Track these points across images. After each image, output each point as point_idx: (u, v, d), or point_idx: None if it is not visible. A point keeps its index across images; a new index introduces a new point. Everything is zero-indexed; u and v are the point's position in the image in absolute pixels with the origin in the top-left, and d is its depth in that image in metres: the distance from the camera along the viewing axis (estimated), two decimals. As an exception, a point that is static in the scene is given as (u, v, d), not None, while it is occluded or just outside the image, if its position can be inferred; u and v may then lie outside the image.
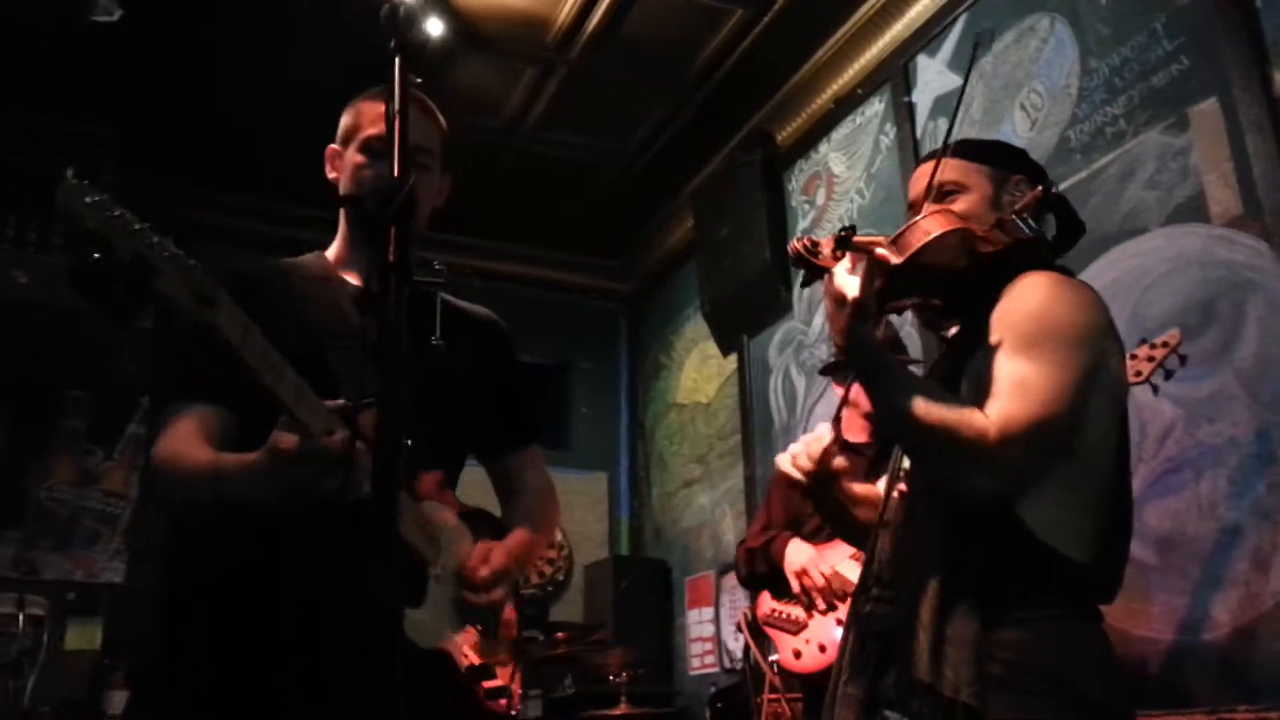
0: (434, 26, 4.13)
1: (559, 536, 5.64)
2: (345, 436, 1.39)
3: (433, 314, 1.54)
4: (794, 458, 1.56)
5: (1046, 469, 1.38)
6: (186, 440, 1.47)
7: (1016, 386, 1.36)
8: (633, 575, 5.32)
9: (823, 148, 4.76)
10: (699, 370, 5.58)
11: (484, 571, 1.57)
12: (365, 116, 1.71)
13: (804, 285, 1.39)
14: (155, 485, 1.57)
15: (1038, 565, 1.37)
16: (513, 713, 1.71)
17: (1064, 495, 1.39)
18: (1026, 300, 1.44)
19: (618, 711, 3.48)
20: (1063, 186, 3.29)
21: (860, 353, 1.42)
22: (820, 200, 4.72)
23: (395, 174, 1.13)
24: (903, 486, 1.55)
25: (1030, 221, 1.54)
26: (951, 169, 1.61)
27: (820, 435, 1.54)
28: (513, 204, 5.65)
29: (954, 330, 1.60)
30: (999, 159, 1.66)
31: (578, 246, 6.14)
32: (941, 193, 1.60)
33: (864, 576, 1.56)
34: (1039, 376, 1.36)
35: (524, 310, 5.99)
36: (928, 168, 1.63)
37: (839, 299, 1.40)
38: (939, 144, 4.03)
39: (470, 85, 4.72)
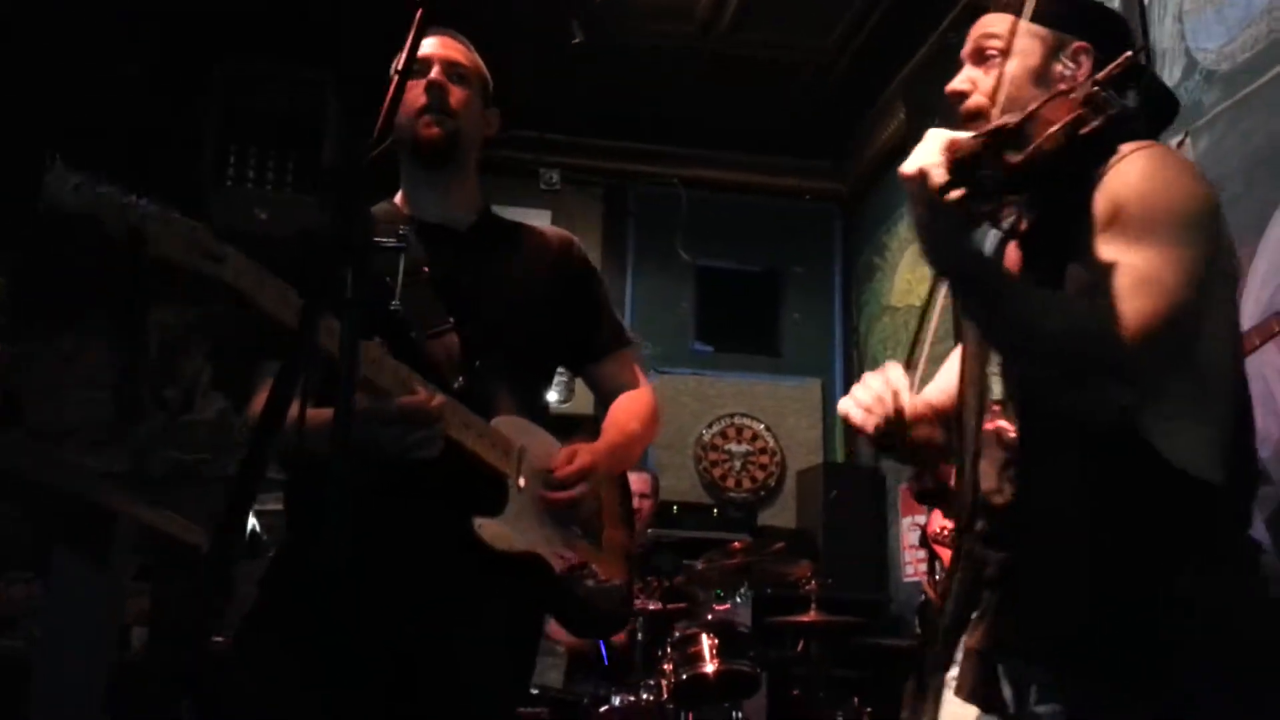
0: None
1: (770, 441, 5.66)
2: (427, 396, 1.48)
3: (393, 278, 1.56)
4: (866, 413, 1.41)
5: (1167, 383, 1.24)
6: None
7: (1143, 279, 1.20)
8: (845, 482, 5.26)
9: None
10: (913, 271, 5.32)
11: (564, 470, 1.64)
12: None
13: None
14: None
15: (1172, 494, 1.23)
16: (621, 604, 1.80)
17: (1186, 409, 1.24)
18: (1134, 181, 1.26)
19: (806, 618, 3.51)
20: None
21: (965, 265, 1.24)
22: (1037, 82, 4.31)
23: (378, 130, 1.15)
24: (1001, 423, 1.39)
25: (1114, 95, 1.33)
26: (1000, 22, 1.41)
27: (888, 379, 1.41)
28: (715, 110, 5.56)
29: (1017, 221, 1.40)
30: (1064, 20, 1.42)
31: (786, 149, 5.96)
32: (982, 54, 1.42)
33: (959, 514, 1.44)
34: (1164, 265, 1.20)
35: (733, 217, 5.99)
36: (989, 21, 1.44)
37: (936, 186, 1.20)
38: (1168, 11, 3.55)
39: (657, -8, 4.66)
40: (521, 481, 1.63)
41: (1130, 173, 1.27)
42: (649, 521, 4.26)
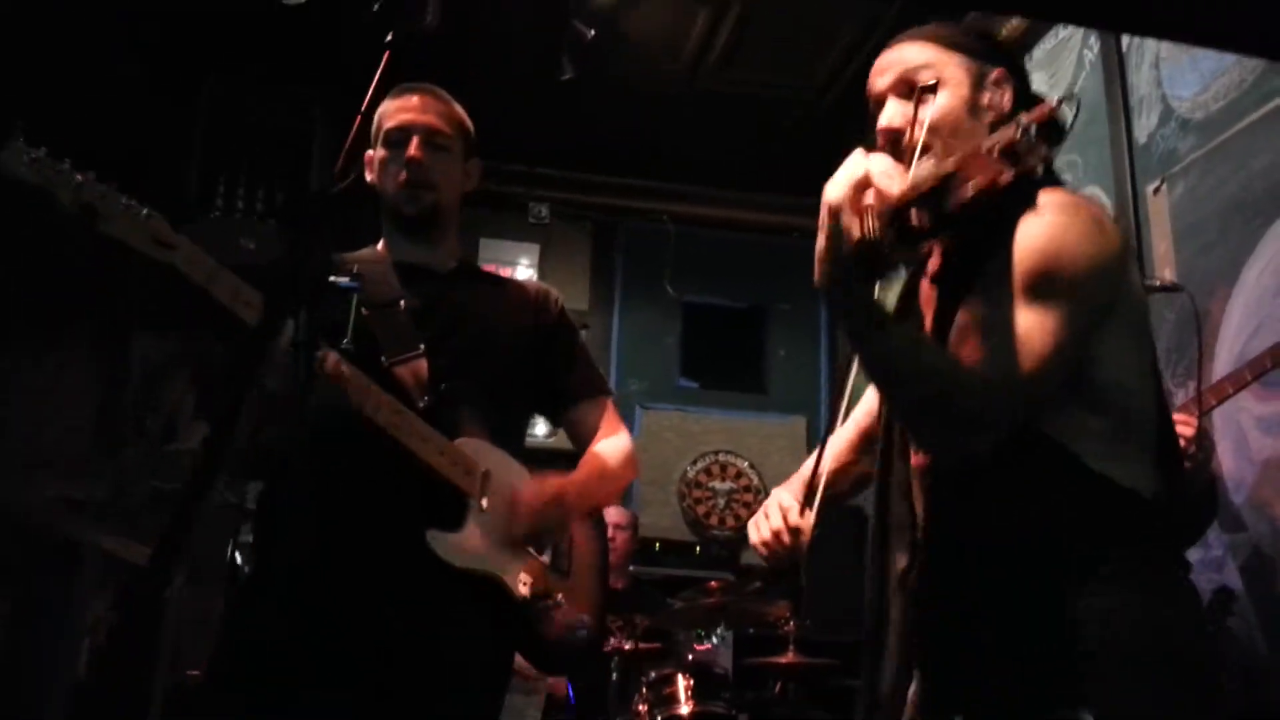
0: (599, -23, 4.14)
1: (755, 479, 5.65)
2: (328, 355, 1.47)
3: (347, 318, 1.57)
4: (767, 546, 1.50)
5: (1085, 421, 1.25)
6: None
7: (1014, 339, 1.21)
8: (827, 521, 5.22)
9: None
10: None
11: (528, 497, 1.65)
12: (386, 113, 1.78)
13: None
14: None
15: (1107, 509, 1.23)
16: (588, 639, 1.78)
17: (1115, 443, 1.25)
18: (1037, 235, 1.25)
19: (783, 660, 3.47)
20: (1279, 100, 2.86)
21: (850, 292, 1.25)
22: (1020, 125, 4.34)
23: (337, 174, 1.16)
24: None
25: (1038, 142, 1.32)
26: (923, 53, 1.40)
27: (781, 504, 1.48)
28: (703, 146, 5.60)
29: (931, 259, 1.41)
30: (977, 45, 1.42)
31: (774, 185, 5.98)
32: (909, 86, 1.39)
33: (883, 536, 1.45)
34: (1039, 328, 1.21)
35: (720, 254, 6.01)
36: (909, 52, 1.42)
37: (847, 236, 1.21)
38: (1145, 59, 3.58)
39: (645, 32, 4.71)
40: (484, 503, 1.63)
41: (1036, 227, 1.26)
42: (626, 556, 4.23)
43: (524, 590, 1.65)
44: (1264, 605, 2.68)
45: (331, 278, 1.35)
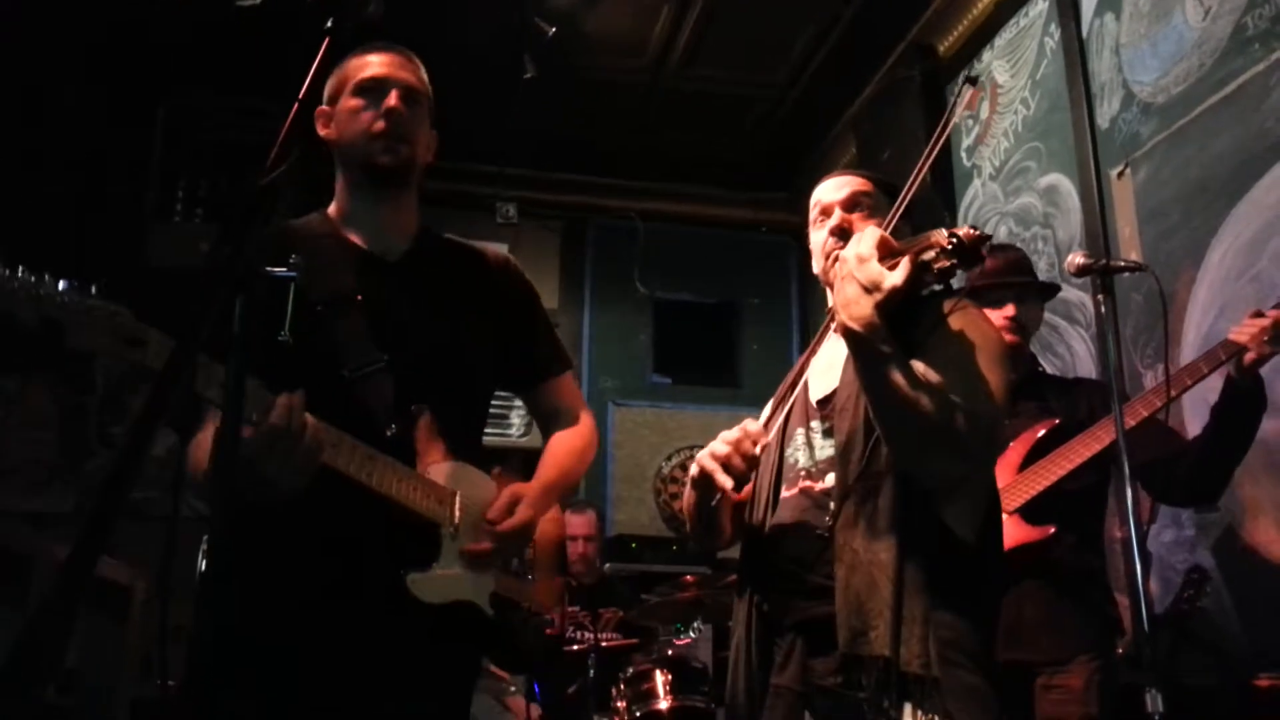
0: (561, -27, 4.12)
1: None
2: (283, 408, 1.36)
3: (285, 307, 1.48)
4: (727, 459, 1.55)
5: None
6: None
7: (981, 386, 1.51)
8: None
9: (985, 56, 4.38)
10: (867, 302, 5.36)
11: (506, 525, 1.62)
12: (352, 66, 1.71)
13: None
14: None
15: (950, 550, 1.48)
16: (551, 638, 1.76)
17: (963, 488, 1.50)
18: (973, 320, 1.61)
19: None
20: (1237, 82, 2.89)
21: (877, 340, 1.45)
22: (984, 114, 4.37)
23: (273, 160, 1.12)
24: (806, 484, 1.59)
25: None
26: (866, 184, 1.76)
27: (749, 432, 1.56)
28: (670, 144, 5.60)
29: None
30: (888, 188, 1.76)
31: (742, 182, 6.00)
32: (852, 205, 1.73)
33: (758, 570, 1.61)
34: (990, 383, 1.53)
35: (690, 250, 6.00)
36: (853, 181, 1.78)
37: (873, 285, 1.44)
38: (1105, 45, 3.59)
39: (608, 29, 4.70)
40: (455, 528, 1.60)
41: (970, 314, 1.61)
42: (595, 557, 4.20)
43: (494, 608, 1.63)
44: (1237, 584, 2.71)
45: (269, 268, 1.26)
